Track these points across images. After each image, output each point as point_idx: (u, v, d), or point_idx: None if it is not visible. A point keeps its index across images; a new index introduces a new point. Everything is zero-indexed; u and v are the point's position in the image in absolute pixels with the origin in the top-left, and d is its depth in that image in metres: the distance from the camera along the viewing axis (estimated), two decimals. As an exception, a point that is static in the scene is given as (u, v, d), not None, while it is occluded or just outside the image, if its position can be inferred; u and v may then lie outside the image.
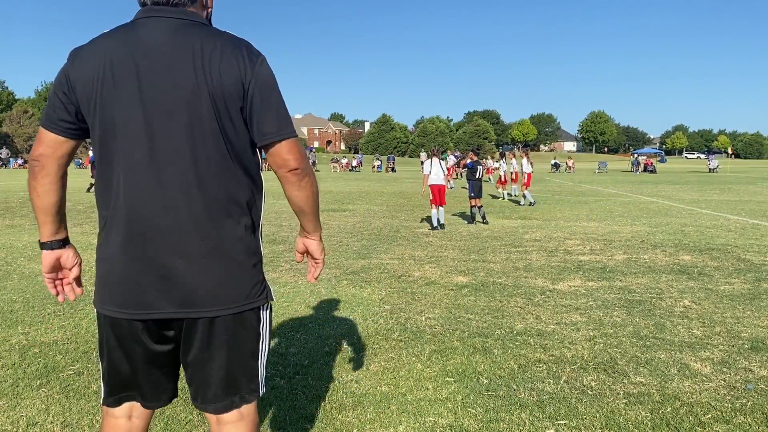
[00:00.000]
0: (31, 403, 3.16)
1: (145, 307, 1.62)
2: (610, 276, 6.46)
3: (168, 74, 1.56)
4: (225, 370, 1.71)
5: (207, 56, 1.56)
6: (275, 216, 12.74)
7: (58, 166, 1.66)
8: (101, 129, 1.60)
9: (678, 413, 3.05)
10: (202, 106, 1.56)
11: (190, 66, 1.56)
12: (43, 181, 1.65)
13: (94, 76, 1.57)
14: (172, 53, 1.56)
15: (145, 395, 1.78)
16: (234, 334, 1.69)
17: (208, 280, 1.62)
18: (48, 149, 1.63)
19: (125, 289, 1.62)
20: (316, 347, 4.07)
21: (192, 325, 1.66)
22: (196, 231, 1.60)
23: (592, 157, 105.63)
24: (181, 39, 1.58)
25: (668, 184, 27.83)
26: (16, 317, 4.79)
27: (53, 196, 1.67)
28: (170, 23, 1.60)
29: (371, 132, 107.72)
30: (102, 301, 1.68)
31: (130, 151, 1.58)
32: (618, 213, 13.58)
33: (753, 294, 5.59)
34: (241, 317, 1.69)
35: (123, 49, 1.57)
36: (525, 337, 4.29)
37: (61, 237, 1.74)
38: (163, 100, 1.56)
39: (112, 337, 1.70)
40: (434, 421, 2.98)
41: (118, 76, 1.56)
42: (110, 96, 1.56)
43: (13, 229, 10.42)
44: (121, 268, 1.62)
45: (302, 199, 1.72)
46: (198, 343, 1.68)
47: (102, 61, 1.57)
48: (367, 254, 7.96)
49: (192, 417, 2.99)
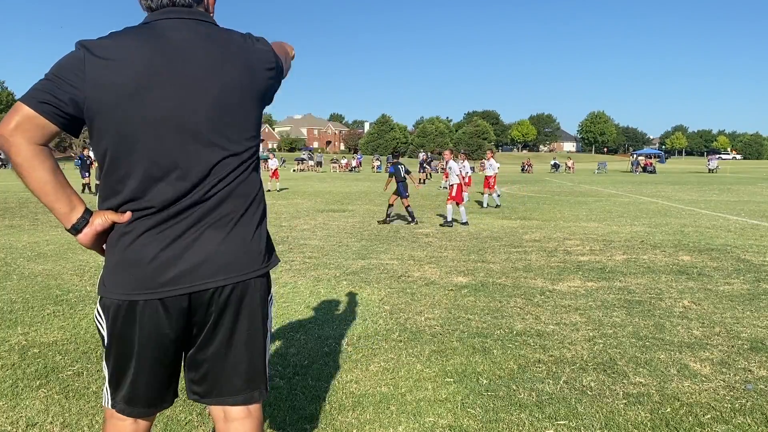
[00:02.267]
0: (30, 404, 3.16)
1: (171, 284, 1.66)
2: (610, 276, 6.46)
3: (200, 72, 1.61)
4: (246, 363, 1.76)
5: (233, 49, 1.68)
6: (275, 216, 12.75)
7: (31, 142, 1.52)
8: (139, 128, 1.56)
9: (677, 413, 3.05)
10: (234, 98, 1.67)
11: (218, 62, 1.64)
12: (20, 158, 1.51)
13: (127, 80, 1.53)
14: (200, 52, 1.62)
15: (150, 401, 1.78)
16: (250, 320, 1.76)
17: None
18: (20, 127, 1.50)
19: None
20: (315, 348, 4.07)
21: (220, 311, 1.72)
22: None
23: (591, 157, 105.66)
24: (206, 38, 1.65)
25: (668, 184, 27.84)
26: (15, 318, 4.79)
27: (42, 171, 1.54)
28: (190, 24, 1.65)
29: (371, 132, 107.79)
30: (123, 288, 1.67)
31: (171, 147, 1.60)
32: (617, 213, 13.58)
33: (752, 294, 5.59)
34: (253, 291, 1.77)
35: (154, 52, 1.57)
36: (524, 338, 4.29)
37: (81, 210, 1.62)
38: (196, 96, 1.60)
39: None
40: (434, 421, 2.98)
41: (153, 79, 1.55)
42: (151, 98, 1.55)
43: (13, 230, 10.41)
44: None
45: None
46: (220, 336, 1.72)
47: (135, 66, 1.54)
48: (366, 254, 7.96)
49: (192, 417, 2.99)
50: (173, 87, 1.57)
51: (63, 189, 1.58)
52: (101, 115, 1.55)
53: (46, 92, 1.51)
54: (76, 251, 7.98)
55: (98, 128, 1.58)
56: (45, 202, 1.58)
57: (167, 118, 1.57)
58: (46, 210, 13.39)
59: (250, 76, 1.69)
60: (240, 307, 1.72)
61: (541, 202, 17.27)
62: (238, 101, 1.66)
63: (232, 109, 1.65)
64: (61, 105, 1.52)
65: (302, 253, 8.03)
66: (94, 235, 1.63)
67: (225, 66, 1.64)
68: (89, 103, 1.54)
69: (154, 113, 1.56)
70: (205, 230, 1.65)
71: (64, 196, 1.58)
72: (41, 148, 1.53)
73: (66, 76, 1.52)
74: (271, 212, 13.33)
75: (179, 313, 1.66)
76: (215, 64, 1.62)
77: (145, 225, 1.62)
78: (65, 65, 1.54)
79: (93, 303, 5.22)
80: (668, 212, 13.79)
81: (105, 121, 1.56)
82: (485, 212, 14.12)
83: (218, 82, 1.62)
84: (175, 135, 1.59)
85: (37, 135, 1.51)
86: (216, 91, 1.62)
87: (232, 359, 1.74)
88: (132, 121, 1.56)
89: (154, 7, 1.66)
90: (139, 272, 1.61)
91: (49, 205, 1.58)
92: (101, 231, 1.64)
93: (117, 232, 1.65)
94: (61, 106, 1.52)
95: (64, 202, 1.59)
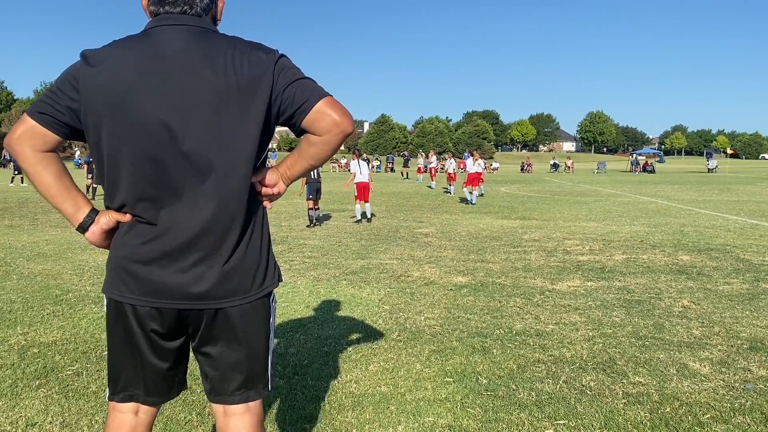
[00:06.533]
0: (30, 404, 3.16)
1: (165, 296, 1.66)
2: (609, 276, 6.46)
3: (189, 78, 1.57)
4: (245, 364, 1.75)
5: (229, 58, 1.59)
6: (275, 216, 12.75)
7: (35, 150, 1.62)
8: (126, 137, 1.58)
9: (677, 413, 3.05)
10: (225, 105, 1.59)
11: (209, 69, 1.58)
12: (25, 164, 1.62)
13: (114, 87, 1.56)
14: (191, 58, 1.59)
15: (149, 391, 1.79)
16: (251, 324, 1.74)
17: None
18: (24, 136, 1.60)
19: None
20: (315, 347, 4.07)
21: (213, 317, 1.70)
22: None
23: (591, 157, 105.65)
24: (199, 44, 1.61)
25: (667, 184, 27.85)
26: (15, 317, 4.79)
27: (46, 176, 1.63)
28: (184, 30, 1.62)
29: (370, 132, 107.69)
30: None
31: (158, 155, 1.58)
32: (617, 213, 13.59)
33: (752, 294, 5.59)
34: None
35: (142, 58, 1.58)
36: (524, 337, 4.29)
37: (87, 210, 1.69)
38: (185, 103, 1.57)
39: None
40: (433, 421, 2.98)
41: (142, 86, 1.56)
42: (137, 106, 1.56)
43: (12, 230, 10.41)
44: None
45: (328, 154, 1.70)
46: (217, 335, 1.72)
47: (122, 72, 1.57)
48: (366, 254, 7.96)
49: (191, 417, 2.99)
50: (159, 94, 1.56)
51: (68, 191, 1.67)
52: (93, 122, 1.60)
53: (46, 103, 1.61)
54: (76, 251, 7.98)
55: (91, 134, 1.63)
56: (52, 203, 1.68)
57: (152, 125, 1.57)
58: (45, 210, 13.40)
59: (238, 85, 1.59)
60: (239, 313, 1.72)
61: (540, 201, 17.27)
62: (224, 110, 1.60)
63: (202, 113, 1.59)
64: (58, 115, 1.61)
65: (302, 253, 8.03)
66: (101, 233, 1.70)
67: (216, 73, 1.58)
68: (84, 110, 1.60)
69: (140, 120, 1.57)
70: (195, 245, 1.63)
71: (69, 197, 1.67)
72: (45, 155, 1.63)
73: (63, 87, 1.61)
74: (271, 212, 13.34)
75: (170, 316, 1.69)
76: (204, 72, 1.58)
77: (139, 230, 1.65)
78: (64, 76, 1.63)
79: (92, 303, 5.22)
80: (668, 212, 13.80)
81: (96, 127, 1.60)
82: (485, 212, 14.13)
83: (205, 91, 1.57)
84: (160, 142, 1.57)
85: (39, 143, 1.61)
86: (202, 100, 1.57)
87: (231, 359, 1.74)
88: (120, 128, 1.58)
89: (155, 14, 1.66)
90: (128, 278, 1.66)
91: (56, 206, 1.68)
92: (107, 229, 1.69)
93: (120, 231, 1.69)
94: (58, 116, 1.61)
95: (69, 203, 1.67)
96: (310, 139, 1.66)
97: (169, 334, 1.72)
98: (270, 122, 1.66)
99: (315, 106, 1.60)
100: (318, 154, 1.67)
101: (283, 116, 1.65)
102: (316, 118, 1.61)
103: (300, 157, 1.71)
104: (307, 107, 1.61)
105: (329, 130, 1.61)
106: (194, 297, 1.65)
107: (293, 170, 1.75)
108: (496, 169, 50.95)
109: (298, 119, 1.63)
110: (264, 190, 1.73)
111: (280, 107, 1.63)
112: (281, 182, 1.75)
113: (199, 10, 1.67)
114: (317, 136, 1.63)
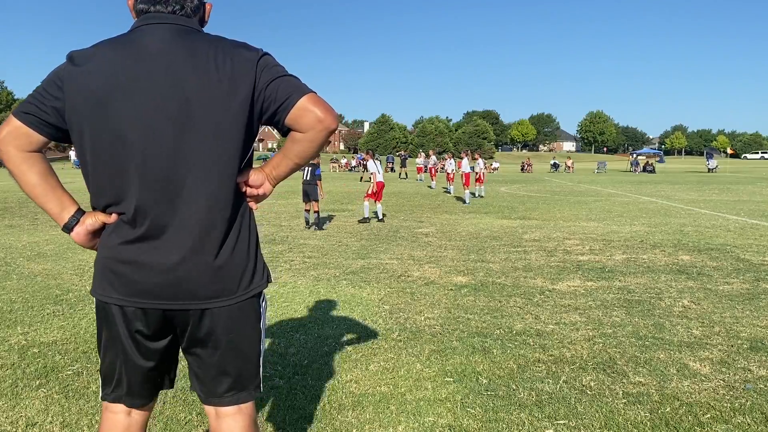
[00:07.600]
0: (30, 403, 3.16)
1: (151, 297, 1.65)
2: (609, 276, 6.46)
3: (171, 77, 1.56)
4: (234, 367, 1.74)
5: (211, 57, 1.58)
6: (275, 216, 12.75)
7: (20, 150, 1.63)
8: (107, 135, 1.58)
9: (677, 413, 3.05)
10: (207, 104, 1.57)
11: (191, 67, 1.56)
12: (10, 164, 1.63)
13: (98, 87, 1.56)
14: (174, 57, 1.57)
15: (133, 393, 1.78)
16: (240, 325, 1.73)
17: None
18: (9, 136, 1.61)
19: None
20: (315, 347, 4.07)
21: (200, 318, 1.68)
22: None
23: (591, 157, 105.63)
24: (182, 43, 1.60)
25: (667, 184, 27.84)
26: (15, 317, 4.79)
27: (31, 175, 1.64)
28: (169, 29, 1.62)
29: (370, 132, 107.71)
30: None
31: (140, 154, 1.57)
32: (617, 213, 13.59)
33: (752, 294, 5.59)
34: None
35: (125, 58, 1.58)
36: (524, 337, 4.29)
37: (72, 210, 1.69)
38: (167, 102, 1.56)
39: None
40: (433, 421, 2.98)
41: (124, 85, 1.56)
42: (118, 104, 1.56)
43: (13, 230, 10.41)
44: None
45: (314, 150, 1.68)
46: (203, 338, 1.70)
47: (105, 72, 1.57)
48: (366, 254, 7.96)
49: (191, 417, 2.99)
50: (140, 93, 1.56)
51: (53, 191, 1.68)
52: (76, 121, 1.60)
53: (32, 104, 1.61)
54: (76, 251, 7.98)
55: (75, 134, 1.63)
56: (38, 203, 1.69)
57: (134, 125, 1.56)
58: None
59: (221, 83, 1.57)
60: (226, 314, 1.70)
61: (540, 201, 17.27)
62: (207, 108, 1.58)
63: (184, 113, 1.57)
64: (44, 115, 1.61)
65: (302, 253, 8.03)
66: (86, 234, 1.69)
67: (198, 72, 1.56)
68: (68, 110, 1.60)
69: (122, 120, 1.56)
70: (179, 245, 1.61)
71: (54, 197, 1.68)
72: (30, 155, 1.63)
73: (49, 87, 1.62)
74: (271, 212, 13.35)
75: (155, 316, 1.67)
76: (186, 70, 1.56)
77: (124, 231, 1.63)
78: (50, 77, 1.64)
79: (92, 303, 5.22)
80: (668, 212, 13.79)
81: (80, 126, 1.60)
82: (485, 212, 14.13)
83: (186, 90, 1.56)
84: (143, 142, 1.57)
85: (24, 143, 1.62)
86: (183, 98, 1.56)
87: (220, 361, 1.72)
88: (102, 127, 1.58)
89: (144, 12, 1.66)
90: (114, 278, 1.65)
91: (42, 206, 1.71)
92: (92, 230, 1.68)
93: (105, 232, 1.68)
94: (43, 117, 1.61)
95: (54, 203, 1.68)
96: (294, 137, 1.65)
97: (155, 335, 1.70)
98: (253, 121, 1.64)
99: (297, 102, 1.60)
100: (303, 151, 1.67)
101: (266, 114, 1.64)
102: (299, 115, 1.60)
103: (285, 156, 1.71)
104: (289, 104, 1.60)
105: (313, 127, 1.61)
106: (179, 297, 1.63)
107: (279, 170, 1.74)
108: (496, 168, 50.95)
109: (281, 117, 1.62)
110: (249, 191, 1.72)
111: (263, 105, 1.62)
112: (267, 183, 1.74)
113: (189, 11, 1.67)
114: (301, 134, 1.63)
